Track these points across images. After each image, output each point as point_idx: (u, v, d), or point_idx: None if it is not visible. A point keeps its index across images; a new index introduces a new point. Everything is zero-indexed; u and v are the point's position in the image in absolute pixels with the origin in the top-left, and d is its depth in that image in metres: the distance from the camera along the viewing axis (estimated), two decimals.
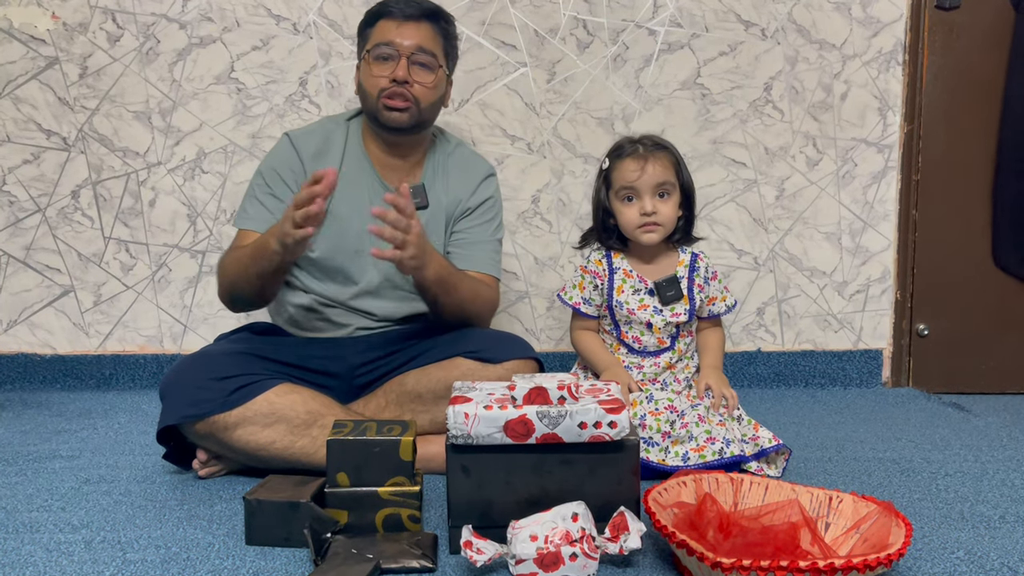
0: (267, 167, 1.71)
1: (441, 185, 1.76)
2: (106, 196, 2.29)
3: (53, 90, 2.25)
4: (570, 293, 1.76)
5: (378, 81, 1.64)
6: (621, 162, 1.68)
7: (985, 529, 1.34)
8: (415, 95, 1.64)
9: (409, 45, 1.64)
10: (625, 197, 1.68)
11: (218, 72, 2.26)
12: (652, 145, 1.68)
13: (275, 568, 1.19)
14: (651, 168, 1.64)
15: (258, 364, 1.56)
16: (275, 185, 1.69)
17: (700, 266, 1.74)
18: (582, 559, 1.14)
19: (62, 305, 2.32)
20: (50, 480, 1.58)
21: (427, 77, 1.66)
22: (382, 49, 1.64)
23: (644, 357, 1.71)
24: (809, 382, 2.39)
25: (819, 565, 1.01)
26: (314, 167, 1.67)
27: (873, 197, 2.36)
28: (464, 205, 1.76)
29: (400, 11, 1.66)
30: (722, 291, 1.76)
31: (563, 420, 1.20)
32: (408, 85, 1.63)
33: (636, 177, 1.65)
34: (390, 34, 1.64)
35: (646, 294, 1.71)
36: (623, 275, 1.72)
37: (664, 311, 1.70)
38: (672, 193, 1.68)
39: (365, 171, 1.72)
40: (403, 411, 1.63)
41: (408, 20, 1.65)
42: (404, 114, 1.64)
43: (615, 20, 2.27)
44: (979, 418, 2.07)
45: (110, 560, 1.22)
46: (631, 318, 1.70)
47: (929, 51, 2.30)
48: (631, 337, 1.72)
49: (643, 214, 1.65)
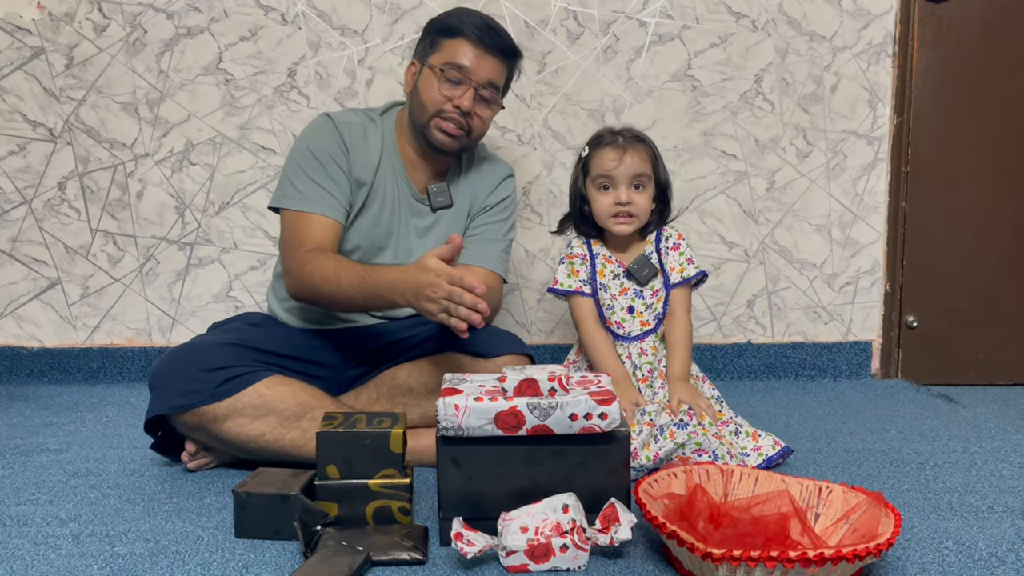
0: (318, 147, 1.63)
1: (463, 183, 1.77)
2: (93, 188, 2.27)
3: (39, 81, 2.23)
4: (566, 282, 1.73)
5: (441, 100, 1.62)
6: (600, 151, 1.68)
7: (974, 519, 1.35)
8: (471, 126, 1.64)
9: (482, 78, 1.62)
10: (601, 186, 1.68)
11: (206, 63, 2.24)
12: (631, 137, 1.69)
13: (265, 561, 1.18)
14: (629, 159, 1.65)
15: (249, 355, 1.55)
16: (329, 165, 1.62)
17: (664, 236, 1.74)
18: (573, 550, 1.14)
19: (49, 298, 2.31)
20: (37, 474, 1.56)
21: (487, 112, 1.66)
22: (454, 72, 1.61)
23: (629, 343, 1.70)
24: (799, 374, 2.40)
25: (809, 555, 1.01)
26: (356, 153, 1.65)
27: (863, 189, 2.36)
28: (483, 202, 1.77)
29: (483, 40, 1.61)
30: (682, 262, 1.72)
31: (554, 412, 1.20)
32: (469, 117, 1.62)
33: (614, 166, 1.65)
34: (467, 59, 1.61)
35: (624, 278, 1.71)
36: (603, 260, 1.73)
37: (644, 293, 1.70)
38: (647, 186, 1.68)
39: (397, 170, 1.71)
40: (394, 404, 1.63)
41: (488, 52, 1.62)
42: (456, 141, 1.64)
43: (605, 11, 2.27)
44: (968, 409, 2.08)
45: (98, 553, 1.21)
46: (613, 303, 1.71)
47: (919, 44, 2.30)
48: (615, 322, 1.71)
49: (617, 203, 1.66)
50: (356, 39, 2.24)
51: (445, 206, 1.72)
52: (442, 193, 1.71)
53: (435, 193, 1.70)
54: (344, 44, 2.24)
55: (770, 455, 1.58)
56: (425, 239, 1.72)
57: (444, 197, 1.71)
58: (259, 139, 2.26)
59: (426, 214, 1.72)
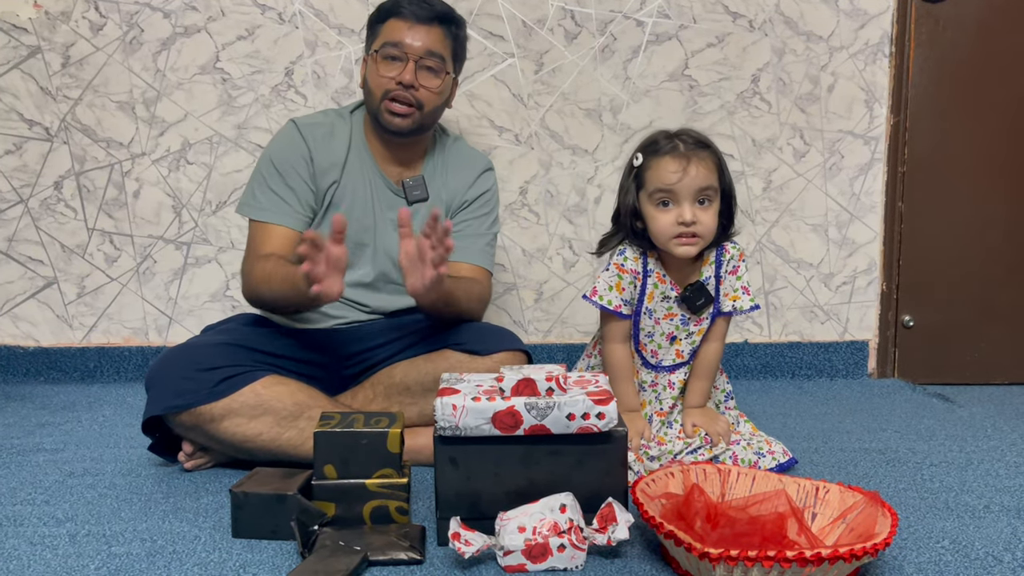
0: (279, 157, 1.66)
1: (440, 179, 1.76)
2: (90, 187, 2.27)
3: (35, 80, 2.23)
4: (606, 296, 1.53)
5: (384, 82, 1.63)
6: (658, 160, 1.47)
7: (970, 518, 1.35)
8: (420, 99, 1.63)
9: (418, 48, 1.62)
10: (660, 201, 1.47)
11: (203, 62, 2.24)
12: (694, 143, 1.48)
13: (262, 561, 1.18)
14: (693, 170, 1.44)
15: (245, 355, 1.55)
16: (288, 175, 1.65)
17: (725, 258, 1.57)
18: (570, 550, 1.14)
19: (45, 297, 2.30)
20: (34, 473, 1.56)
21: (433, 82, 1.65)
22: (390, 50, 1.62)
23: (659, 373, 1.59)
24: (796, 373, 2.40)
25: (806, 555, 1.01)
26: (320, 155, 1.67)
27: (860, 189, 2.37)
28: (462, 198, 1.77)
29: (412, 12, 1.63)
30: (737, 289, 1.57)
31: (551, 411, 1.20)
32: (414, 89, 1.62)
33: (676, 180, 1.44)
34: (400, 35, 1.62)
35: (674, 303, 1.55)
36: (656, 279, 1.54)
37: (690, 323, 1.56)
38: (714, 200, 1.48)
39: (367, 164, 1.72)
40: (391, 403, 1.63)
41: (419, 23, 1.63)
42: (406, 120, 1.64)
43: (603, 11, 2.27)
44: (964, 409, 2.08)
45: (95, 554, 1.21)
46: (655, 329, 1.56)
47: (916, 43, 2.30)
48: (649, 351, 1.58)
49: (681, 223, 1.45)
50: (353, 38, 2.24)
51: (421, 199, 1.71)
52: (418, 187, 1.71)
53: (411, 187, 1.70)
54: (341, 43, 2.24)
55: (781, 462, 1.56)
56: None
57: (420, 191, 1.71)
58: (256, 138, 2.26)
59: (402, 207, 1.71)
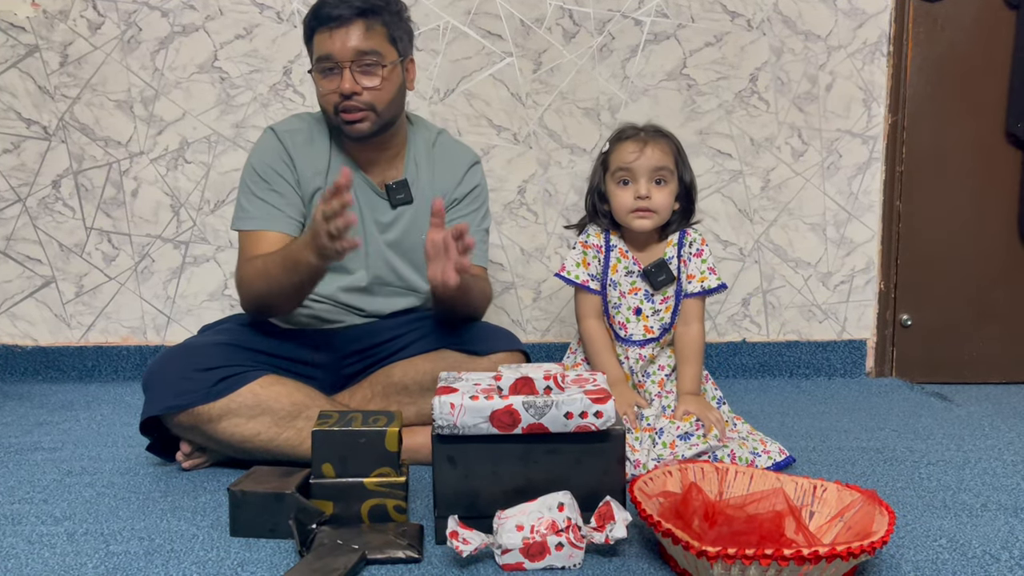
0: (260, 164, 1.65)
1: (426, 177, 1.73)
2: (88, 186, 2.27)
3: (33, 78, 2.23)
4: (574, 272, 1.68)
5: (329, 97, 1.59)
6: (620, 144, 1.65)
7: (967, 517, 1.36)
8: (368, 101, 1.58)
9: (348, 52, 1.54)
10: (621, 180, 1.63)
11: (201, 61, 2.23)
12: (653, 131, 1.66)
13: (260, 559, 1.18)
14: (649, 151, 1.61)
15: (243, 355, 1.55)
16: (274, 181, 1.63)
17: (687, 240, 1.68)
18: (568, 549, 1.14)
19: (43, 296, 2.30)
20: (32, 472, 1.56)
21: (374, 80, 1.58)
22: (323, 63, 1.57)
23: (629, 346, 1.67)
24: (794, 372, 2.41)
25: (804, 553, 1.01)
26: (303, 162, 1.65)
27: (858, 188, 2.37)
28: (451, 196, 1.73)
29: (329, 16, 1.55)
30: (703, 271, 1.67)
31: (549, 410, 1.20)
32: (358, 95, 1.57)
33: (633, 159, 1.61)
34: (326, 46, 1.56)
35: (637, 277, 1.67)
36: (619, 254, 1.67)
37: (654, 298, 1.66)
38: (669, 181, 1.63)
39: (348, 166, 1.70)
40: (389, 403, 1.63)
41: (340, 26, 1.54)
42: (364, 123, 1.59)
43: (601, 10, 2.27)
44: (961, 408, 2.08)
45: (93, 552, 1.21)
46: (620, 301, 1.67)
47: (914, 43, 2.30)
48: (618, 323, 1.67)
49: (637, 197, 1.61)
50: None
51: (405, 203, 1.69)
52: (401, 190, 1.69)
53: (394, 190, 1.68)
54: None
55: (777, 461, 1.56)
56: (388, 235, 1.70)
57: (404, 194, 1.69)
58: (254, 137, 2.25)
59: (387, 210, 1.70)
